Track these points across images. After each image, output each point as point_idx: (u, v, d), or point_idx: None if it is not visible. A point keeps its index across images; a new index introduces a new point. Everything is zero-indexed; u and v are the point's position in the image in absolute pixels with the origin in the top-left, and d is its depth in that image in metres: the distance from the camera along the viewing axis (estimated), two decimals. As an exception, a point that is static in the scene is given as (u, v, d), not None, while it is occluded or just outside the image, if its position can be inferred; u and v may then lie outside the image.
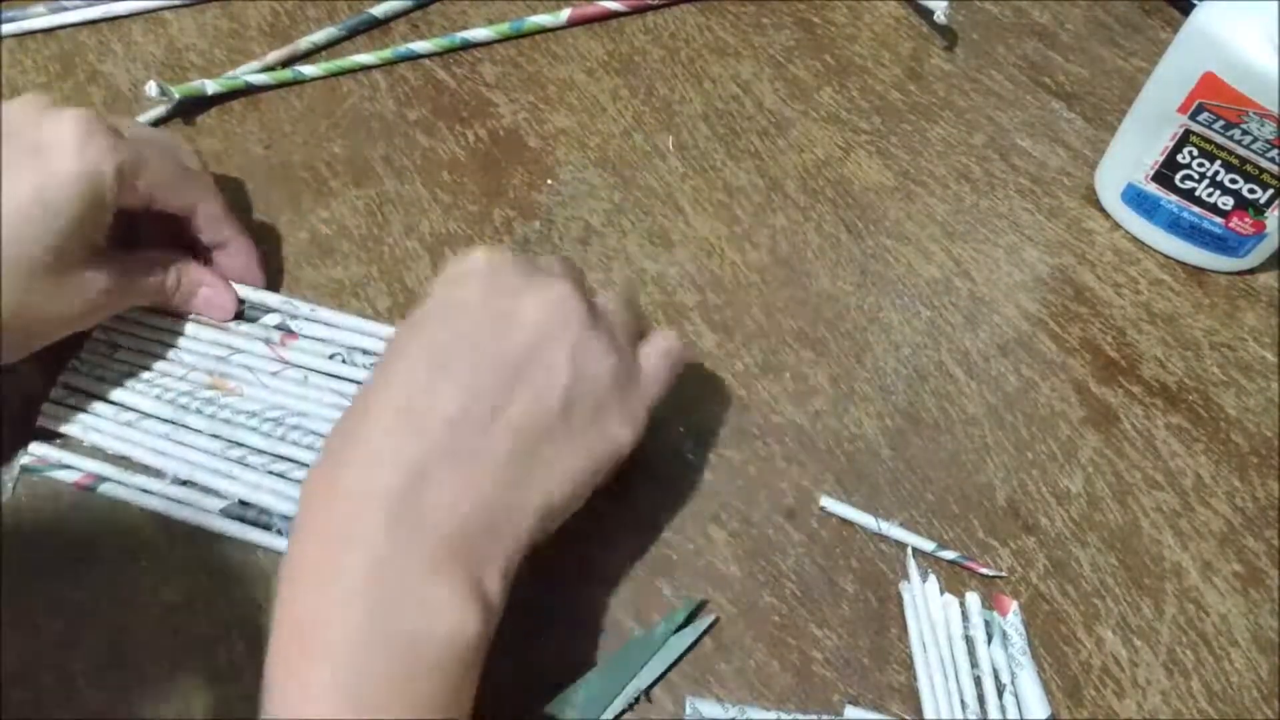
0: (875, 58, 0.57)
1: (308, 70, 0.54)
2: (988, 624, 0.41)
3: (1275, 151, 0.44)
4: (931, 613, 0.41)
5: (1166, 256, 0.51)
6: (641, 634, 0.40)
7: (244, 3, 0.57)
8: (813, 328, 0.48)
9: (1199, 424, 0.46)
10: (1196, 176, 0.47)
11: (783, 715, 0.38)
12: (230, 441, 0.43)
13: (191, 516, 0.41)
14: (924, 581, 0.41)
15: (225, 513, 0.41)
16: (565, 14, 0.56)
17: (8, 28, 0.55)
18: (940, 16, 0.54)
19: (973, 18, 0.58)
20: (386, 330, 0.45)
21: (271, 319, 0.46)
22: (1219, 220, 0.48)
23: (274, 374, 0.44)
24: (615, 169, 0.52)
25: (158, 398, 0.43)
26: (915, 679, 0.39)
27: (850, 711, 0.39)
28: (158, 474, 0.42)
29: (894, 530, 0.42)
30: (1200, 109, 0.45)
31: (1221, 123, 0.45)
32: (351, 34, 0.56)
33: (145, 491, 0.42)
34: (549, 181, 0.51)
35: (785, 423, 0.45)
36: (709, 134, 0.53)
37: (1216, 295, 0.50)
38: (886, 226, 0.51)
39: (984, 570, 0.42)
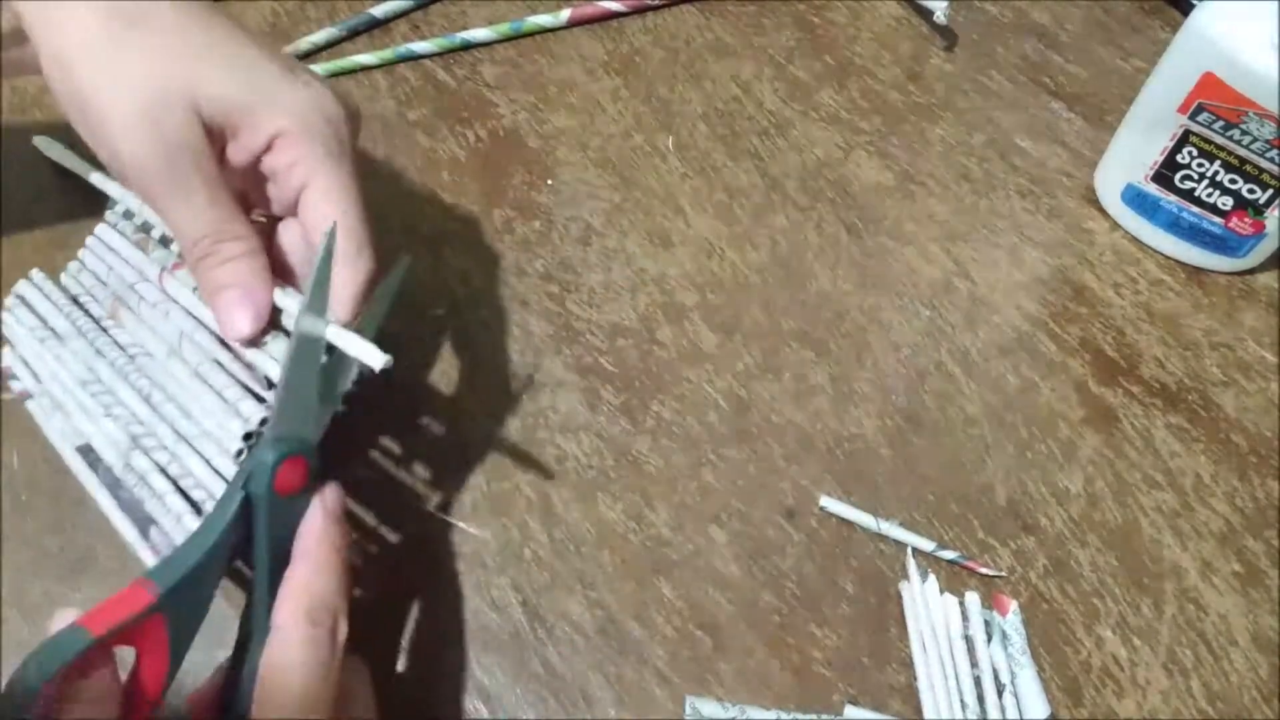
0: (875, 58, 0.57)
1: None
2: (987, 624, 0.41)
3: (1275, 151, 0.44)
4: (931, 612, 0.41)
5: (1166, 256, 0.51)
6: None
7: (244, 2, 0.57)
8: (813, 328, 0.48)
9: (1198, 424, 0.46)
10: (1196, 177, 0.47)
11: (783, 715, 0.38)
12: (96, 373, 0.40)
13: (57, 444, 0.40)
14: (924, 581, 0.41)
15: (78, 450, 0.40)
16: (565, 14, 0.56)
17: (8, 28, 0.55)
18: (940, 17, 0.55)
19: (973, 18, 0.58)
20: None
21: (175, 245, 0.41)
22: (1219, 220, 0.48)
23: (153, 305, 0.40)
24: (615, 169, 0.52)
25: (68, 317, 0.42)
26: (915, 679, 0.40)
27: (850, 711, 0.39)
28: (49, 397, 0.41)
29: (894, 530, 0.42)
30: (1200, 109, 0.45)
31: (1221, 123, 0.45)
32: (352, 34, 0.56)
33: (37, 405, 0.41)
34: (549, 181, 0.51)
35: (785, 423, 0.45)
36: (709, 134, 0.53)
37: (1216, 295, 0.50)
38: (886, 226, 0.51)
39: (984, 570, 0.42)
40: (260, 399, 0.37)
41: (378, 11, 0.56)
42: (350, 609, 0.33)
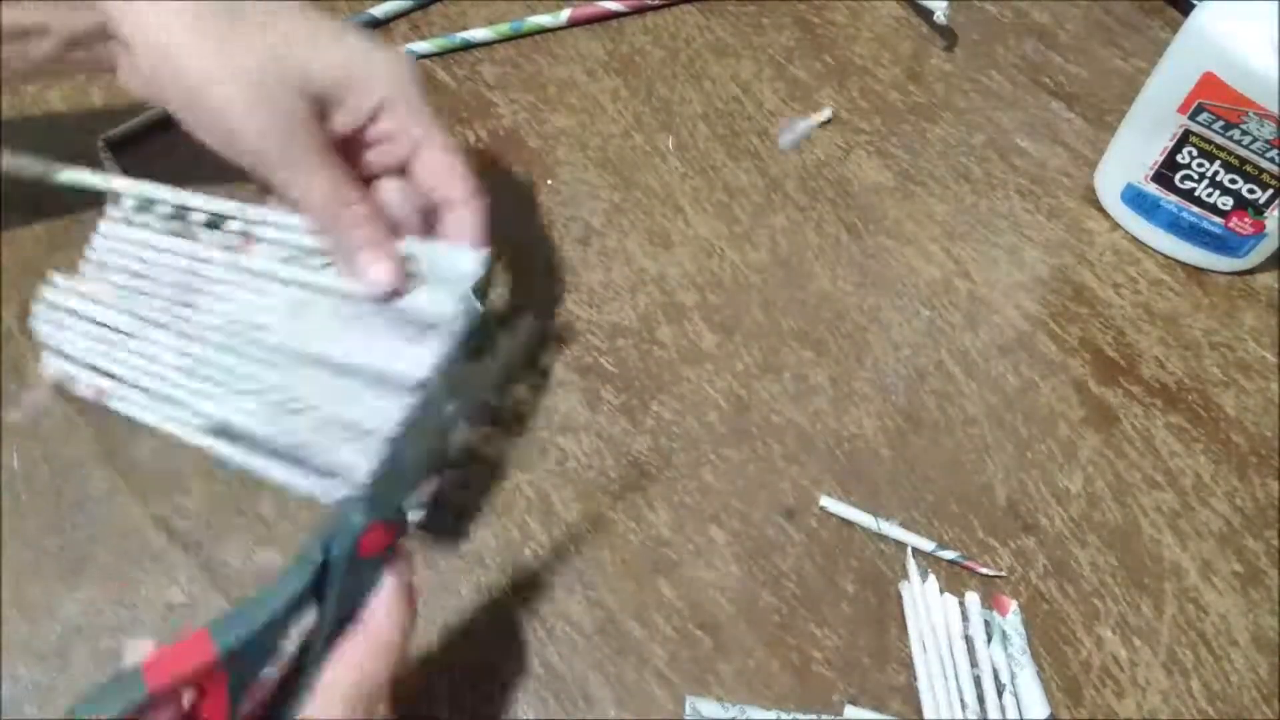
0: (875, 58, 0.57)
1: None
2: (987, 624, 0.41)
3: (1275, 151, 0.44)
4: (931, 612, 0.41)
5: (1166, 256, 0.51)
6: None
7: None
8: (813, 328, 0.48)
9: (1198, 424, 0.46)
10: (1196, 177, 0.47)
11: (783, 715, 0.38)
12: (197, 361, 0.41)
13: (180, 431, 0.41)
14: (924, 581, 0.41)
15: (205, 429, 0.40)
16: (565, 14, 0.56)
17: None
18: (940, 17, 0.55)
19: (973, 18, 0.58)
20: None
21: (233, 224, 0.43)
22: (1219, 220, 0.48)
23: (235, 285, 0.42)
24: (615, 169, 0.52)
25: (132, 316, 0.43)
26: (915, 678, 0.40)
27: (850, 711, 0.39)
28: (142, 390, 0.42)
29: (894, 530, 0.42)
30: (1200, 109, 0.45)
31: (1221, 123, 0.45)
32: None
33: (128, 402, 0.42)
34: (549, 181, 0.51)
35: (785, 423, 0.45)
36: (709, 134, 0.53)
37: (1216, 295, 0.50)
38: (886, 226, 0.51)
39: (984, 570, 0.42)
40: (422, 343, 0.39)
41: (377, 11, 0.56)
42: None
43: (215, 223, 0.44)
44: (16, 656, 0.39)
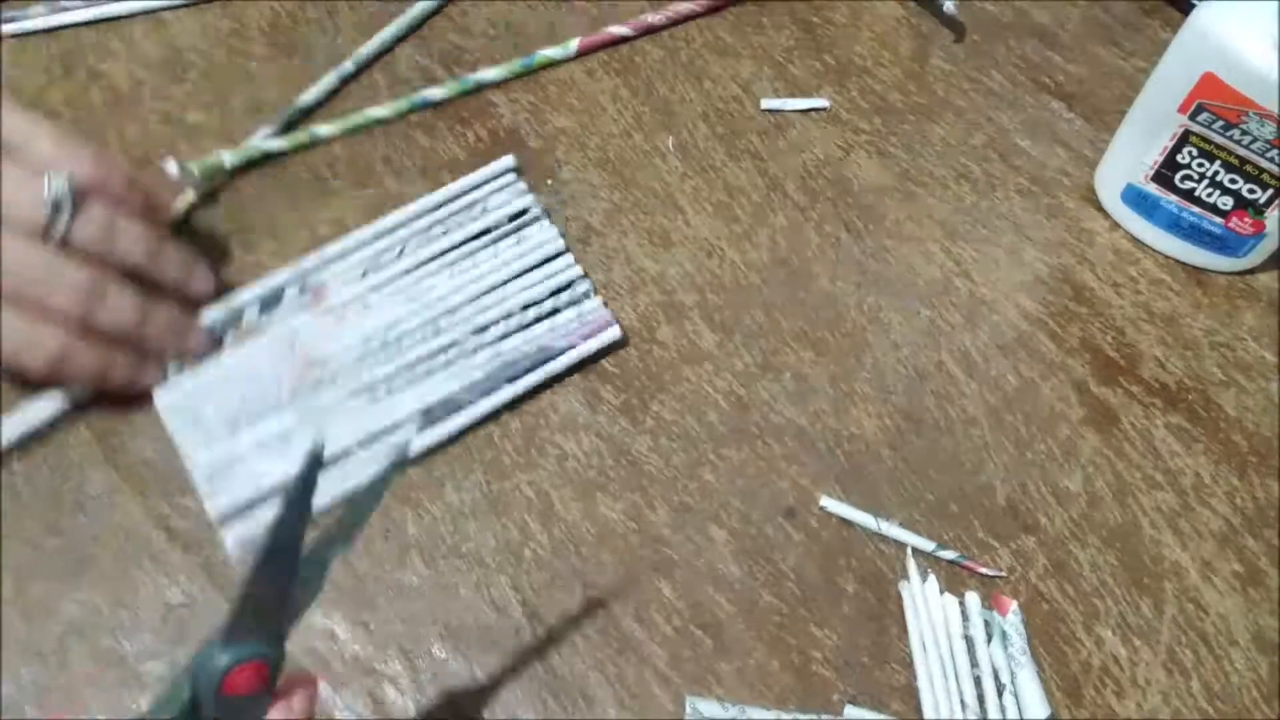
0: (875, 58, 0.57)
1: (323, 130, 0.52)
2: (987, 623, 0.41)
3: (1275, 151, 0.44)
4: (931, 612, 0.41)
5: (1166, 256, 0.51)
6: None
7: (245, 3, 0.57)
8: (813, 328, 0.48)
9: (1198, 424, 0.46)
10: (1196, 177, 0.47)
11: (783, 715, 0.38)
12: (364, 387, 0.44)
13: (404, 451, 0.38)
14: (924, 581, 0.41)
15: (421, 427, 0.43)
16: (574, 44, 0.55)
17: (8, 28, 0.55)
18: (950, 7, 0.54)
19: (973, 18, 0.58)
20: (388, 219, 0.48)
21: (292, 291, 0.46)
22: (1219, 220, 0.48)
23: (338, 323, 0.45)
24: (615, 169, 0.52)
25: (277, 416, 0.43)
26: (915, 678, 0.40)
27: (850, 711, 0.39)
28: (341, 459, 0.43)
29: (894, 530, 0.42)
30: (1200, 109, 0.45)
31: (1221, 123, 0.45)
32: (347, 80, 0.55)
33: (345, 479, 0.42)
34: (549, 181, 0.51)
35: (785, 423, 0.45)
36: (709, 134, 0.53)
37: (1216, 295, 0.50)
38: (886, 226, 0.51)
39: (983, 570, 0.42)
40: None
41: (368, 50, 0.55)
42: None
43: (272, 301, 0.46)
44: (16, 656, 0.39)
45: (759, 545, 0.42)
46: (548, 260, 0.47)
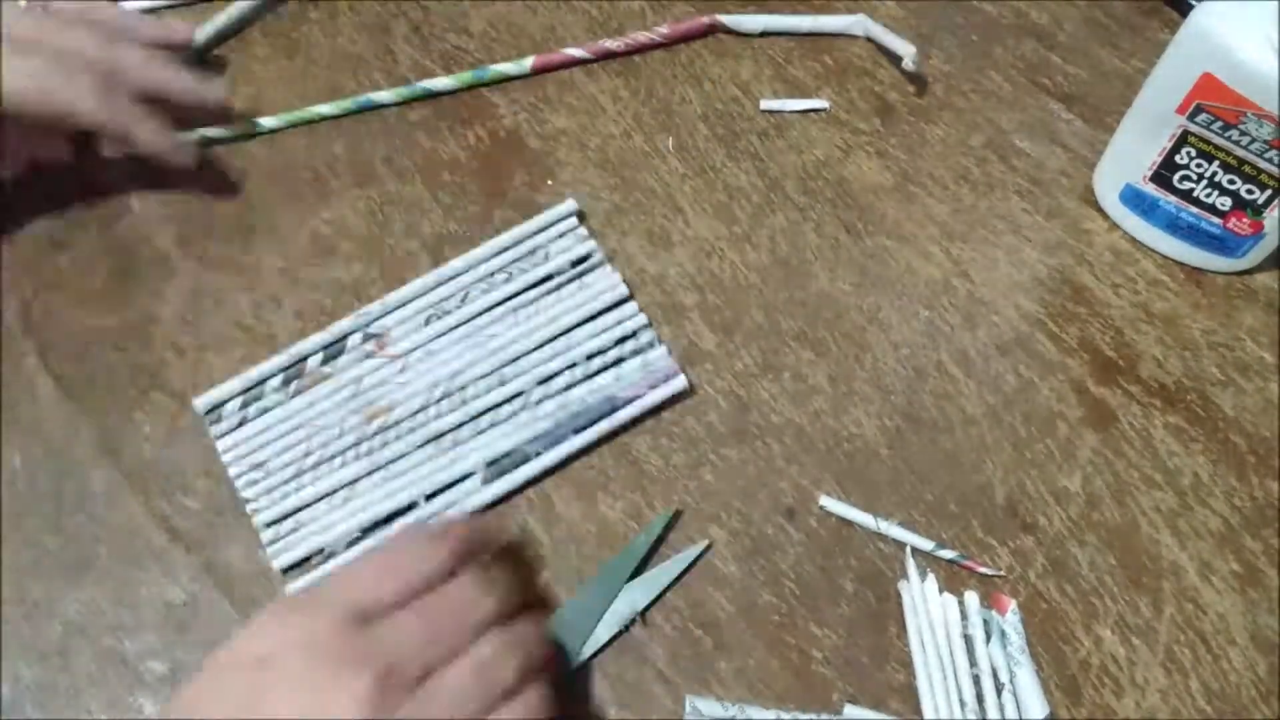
0: (874, 59, 0.57)
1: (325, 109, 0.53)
2: (986, 623, 0.41)
3: (1273, 152, 0.44)
4: (930, 612, 0.41)
5: (1165, 257, 0.51)
6: (618, 553, 0.41)
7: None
8: (812, 328, 0.48)
9: (1197, 424, 0.46)
10: (1195, 177, 0.48)
11: (782, 714, 0.38)
12: (430, 436, 0.44)
13: (466, 507, 0.42)
14: (923, 580, 0.41)
15: (485, 480, 0.43)
16: (529, 62, 0.55)
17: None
18: (909, 64, 0.54)
19: (971, 19, 0.58)
20: (452, 265, 0.48)
21: (355, 339, 0.46)
22: (1217, 221, 0.48)
23: (401, 371, 0.45)
24: (615, 169, 0.52)
25: (342, 465, 0.43)
26: (914, 678, 0.40)
27: (849, 710, 0.39)
28: (406, 511, 0.43)
29: (893, 529, 0.43)
30: (1199, 110, 0.45)
31: (1220, 123, 0.45)
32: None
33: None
34: (549, 182, 0.52)
35: (785, 423, 0.45)
36: (709, 134, 0.54)
37: (1214, 295, 0.50)
38: (886, 227, 0.51)
39: (983, 569, 0.42)
40: None
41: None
42: None
43: (336, 349, 0.46)
44: (17, 656, 0.39)
45: (759, 545, 0.42)
46: (612, 308, 0.47)
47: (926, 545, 0.42)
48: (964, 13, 0.59)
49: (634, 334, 0.46)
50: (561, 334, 0.46)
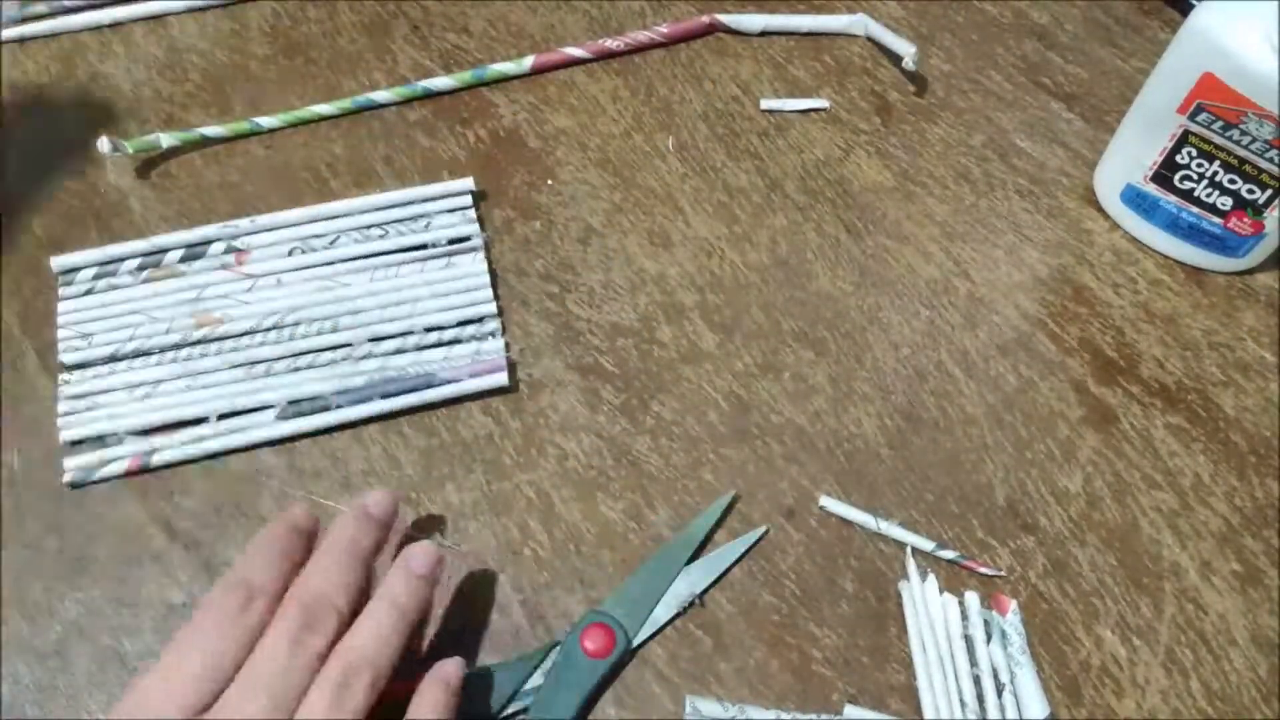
0: (874, 58, 0.57)
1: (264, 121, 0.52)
2: (987, 623, 0.41)
3: (1274, 152, 0.44)
4: (931, 612, 0.41)
5: (1165, 257, 0.51)
6: (678, 534, 0.42)
7: (245, 3, 0.57)
8: (812, 328, 0.48)
9: (1198, 424, 0.46)
10: (1195, 177, 0.47)
11: (782, 714, 0.38)
12: (245, 362, 0.44)
13: (252, 438, 0.43)
14: (923, 581, 0.41)
15: (281, 416, 0.43)
16: (528, 62, 0.55)
17: (8, 29, 0.55)
18: (909, 64, 0.54)
19: (971, 19, 0.58)
20: (333, 206, 0.48)
21: (218, 247, 0.47)
22: (1218, 220, 0.48)
23: (248, 290, 0.46)
24: (615, 169, 0.52)
25: (157, 363, 0.44)
26: (914, 678, 0.40)
27: (850, 710, 0.39)
28: (196, 423, 0.43)
29: (893, 530, 0.43)
30: (1199, 109, 0.45)
31: (1220, 123, 0.45)
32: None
33: (198, 440, 0.43)
34: (549, 182, 0.52)
35: (785, 423, 0.45)
36: (709, 134, 0.54)
37: (1215, 295, 0.50)
38: (886, 227, 0.51)
39: (983, 569, 0.42)
40: None
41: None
42: None
43: (197, 254, 0.47)
44: (16, 656, 0.39)
45: (759, 545, 0.42)
46: (469, 291, 0.47)
47: (927, 545, 0.42)
48: (964, 13, 0.59)
49: (480, 320, 0.46)
50: (410, 301, 0.46)
